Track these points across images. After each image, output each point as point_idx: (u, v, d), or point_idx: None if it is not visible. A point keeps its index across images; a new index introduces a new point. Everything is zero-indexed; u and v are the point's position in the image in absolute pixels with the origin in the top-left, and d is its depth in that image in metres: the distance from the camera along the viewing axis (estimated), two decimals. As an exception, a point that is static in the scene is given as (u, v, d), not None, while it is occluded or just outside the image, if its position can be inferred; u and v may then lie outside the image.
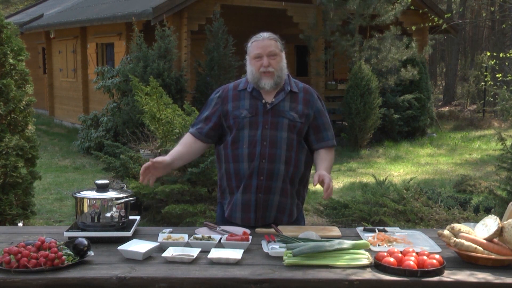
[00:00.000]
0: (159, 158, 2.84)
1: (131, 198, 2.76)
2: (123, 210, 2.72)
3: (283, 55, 2.98)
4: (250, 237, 2.58)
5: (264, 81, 2.91)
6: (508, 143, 5.52)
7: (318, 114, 3.01)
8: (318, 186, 2.82)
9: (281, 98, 2.95)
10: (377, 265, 2.29)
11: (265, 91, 2.95)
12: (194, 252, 2.41)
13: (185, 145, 3.02)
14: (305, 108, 2.97)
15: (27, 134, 5.62)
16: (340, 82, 14.71)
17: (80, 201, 2.70)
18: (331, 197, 6.08)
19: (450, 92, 22.69)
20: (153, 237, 2.66)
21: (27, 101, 5.57)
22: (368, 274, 2.24)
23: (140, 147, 8.67)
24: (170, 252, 2.41)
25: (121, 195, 2.73)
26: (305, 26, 13.10)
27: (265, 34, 2.96)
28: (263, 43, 2.92)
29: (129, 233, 2.66)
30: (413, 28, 11.17)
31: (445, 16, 11.98)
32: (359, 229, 2.87)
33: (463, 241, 2.37)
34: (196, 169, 6.01)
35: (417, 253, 2.33)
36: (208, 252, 2.42)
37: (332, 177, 2.83)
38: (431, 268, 2.22)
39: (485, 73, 16.27)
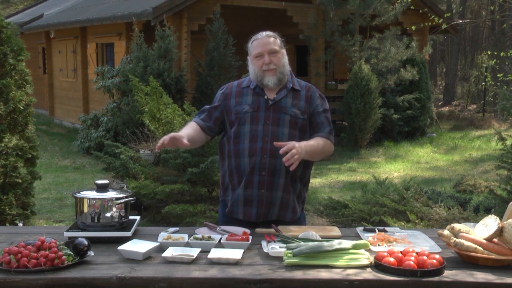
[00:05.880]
0: (179, 135, 2.78)
1: (131, 198, 2.77)
2: (123, 210, 2.72)
3: (284, 51, 3.01)
4: (250, 237, 2.58)
5: (267, 78, 2.93)
6: (508, 142, 5.52)
7: (317, 111, 3.01)
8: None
9: (283, 94, 2.97)
10: (377, 265, 2.29)
11: (268, 89, 2.97)
12: (194, 252, 2.41)
13: (195, 131, 3.00)
14: (307, 105, 2.99)
15: (27, 134, 5.61)
16: (340, 82, 14.70)
17: (80, 201, 2.70)
18: (331, 197, 6.11)
19: (450, 92, 22.68)
20: (153, 237, 2.66)
21: (27, 101, 5.56)
22: (368, 274, 2.24)
23: (140, 147, 8.67)
24: (170, 252, 2.41)
25: (121, 195, 2.73)
26: (305, 26, 13.10)
27: (264, 33, 3.01)
28: (262, 41, 2.96)
29: (129, 233, 2.66)
30: (413, 28, 11.16)
31: (445, 16, 11.97)
32: (359, 229, 2.87)
33: (463, 241, 2.37)
34: (196, 169, 6.01)
35: (417, 253, 2.33)
36: (208, 252, 2.42)
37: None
38: (431, 268, 2.22)
39: (485, 73, 16.28)
